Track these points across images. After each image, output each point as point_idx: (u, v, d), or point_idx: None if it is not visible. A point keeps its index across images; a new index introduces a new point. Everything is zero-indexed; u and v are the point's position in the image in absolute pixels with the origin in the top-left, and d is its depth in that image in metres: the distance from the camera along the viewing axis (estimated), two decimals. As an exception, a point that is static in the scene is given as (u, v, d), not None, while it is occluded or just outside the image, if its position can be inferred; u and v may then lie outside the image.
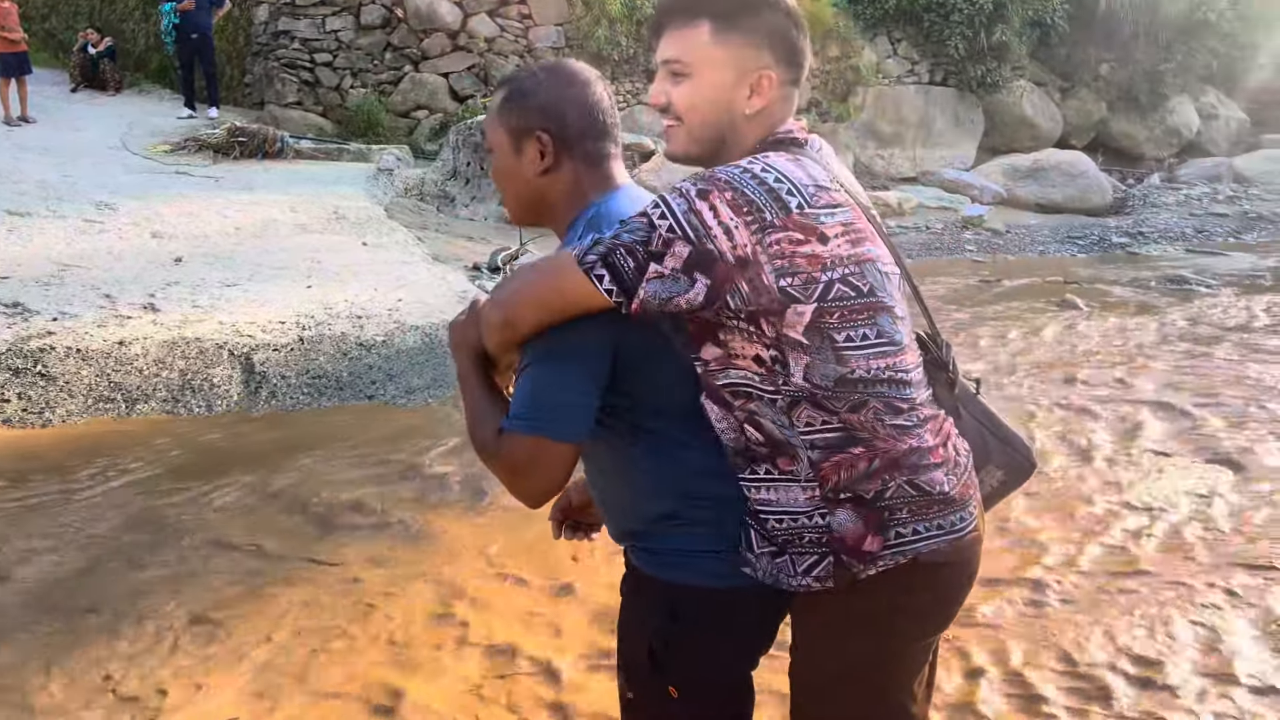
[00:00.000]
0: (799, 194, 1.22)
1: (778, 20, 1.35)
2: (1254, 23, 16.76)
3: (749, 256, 1.19)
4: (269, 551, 3.32)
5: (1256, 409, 4.77)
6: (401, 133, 11.72)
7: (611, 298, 1.22)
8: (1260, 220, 12.39)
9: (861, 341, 1.25)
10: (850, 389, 1.26)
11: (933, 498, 1.30)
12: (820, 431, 1.27)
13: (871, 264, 1.27)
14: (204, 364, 4.97)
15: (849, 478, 1.28)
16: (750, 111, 1.34)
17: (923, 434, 1.31)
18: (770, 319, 1.23)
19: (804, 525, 1.30)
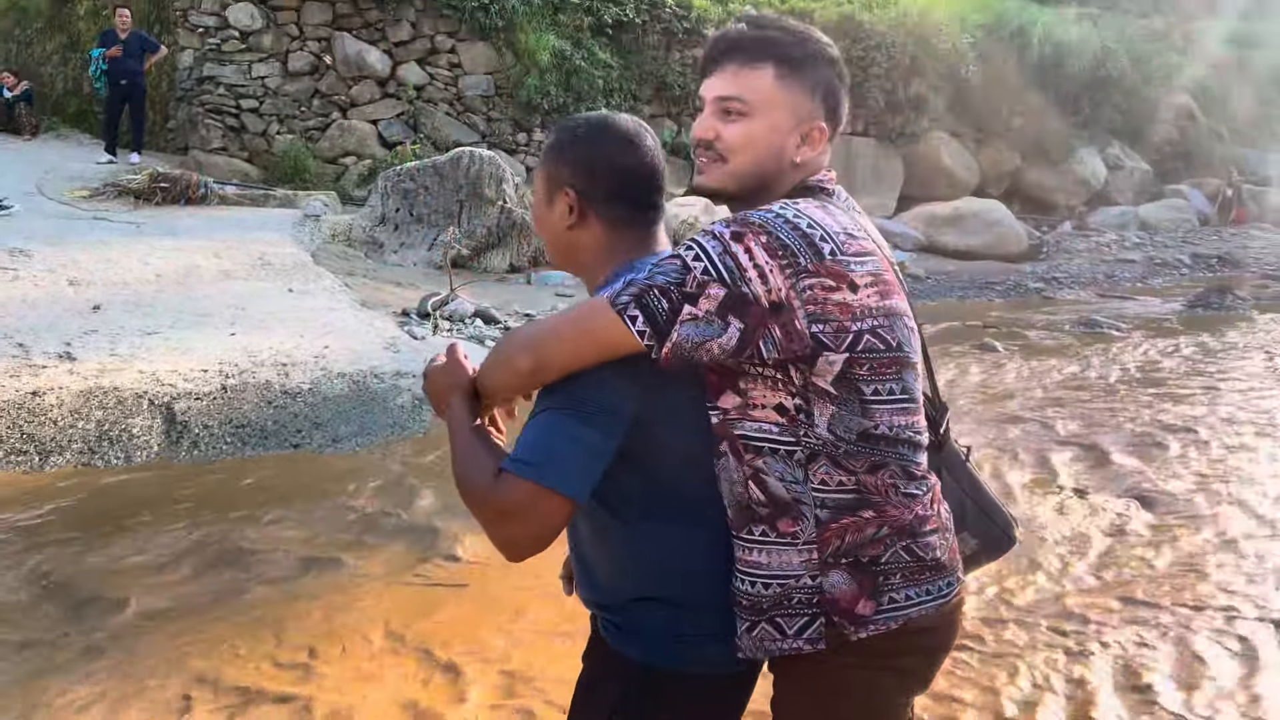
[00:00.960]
0: (831, 240, 1.21)
1: (833, 75, 1.38)
2: (1153, 80, 17.64)
3: (783, 301, 1.18)
4: (192, 605, 3.22)
5: (1168, 446, 4.96)
6: (329, 179, 11.64)
7: (644, 340, 1.19)
8: (1165, 266, 12.95)
9: (888, 396, 1.25)
10: (872, 445, 1.25)
11: (925, 563, 1.30)
12: (835, 492, 1.26)
13: (900, 318, 1.27)
14: (123, 414, 4.82)
15: (853, 542, 1.27)
16: (799, 160, 1.35)
17: (928, 501, 1.32)
18: (800, 366, 1.22)
19: (792, 588, 1.28)
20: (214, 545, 3.71)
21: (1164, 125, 18.15)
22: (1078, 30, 16.36)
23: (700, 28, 13.40)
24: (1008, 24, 15.64)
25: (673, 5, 13.16)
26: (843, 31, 14.13)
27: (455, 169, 9.58)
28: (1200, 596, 3.30)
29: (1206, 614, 3.18)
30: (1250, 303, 9.82)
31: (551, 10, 12.30)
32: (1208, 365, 6.93)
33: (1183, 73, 18.59)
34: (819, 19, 14.06)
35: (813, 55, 1.36)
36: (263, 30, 11.49)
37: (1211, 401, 5.89)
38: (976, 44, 15.34)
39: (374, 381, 5.48)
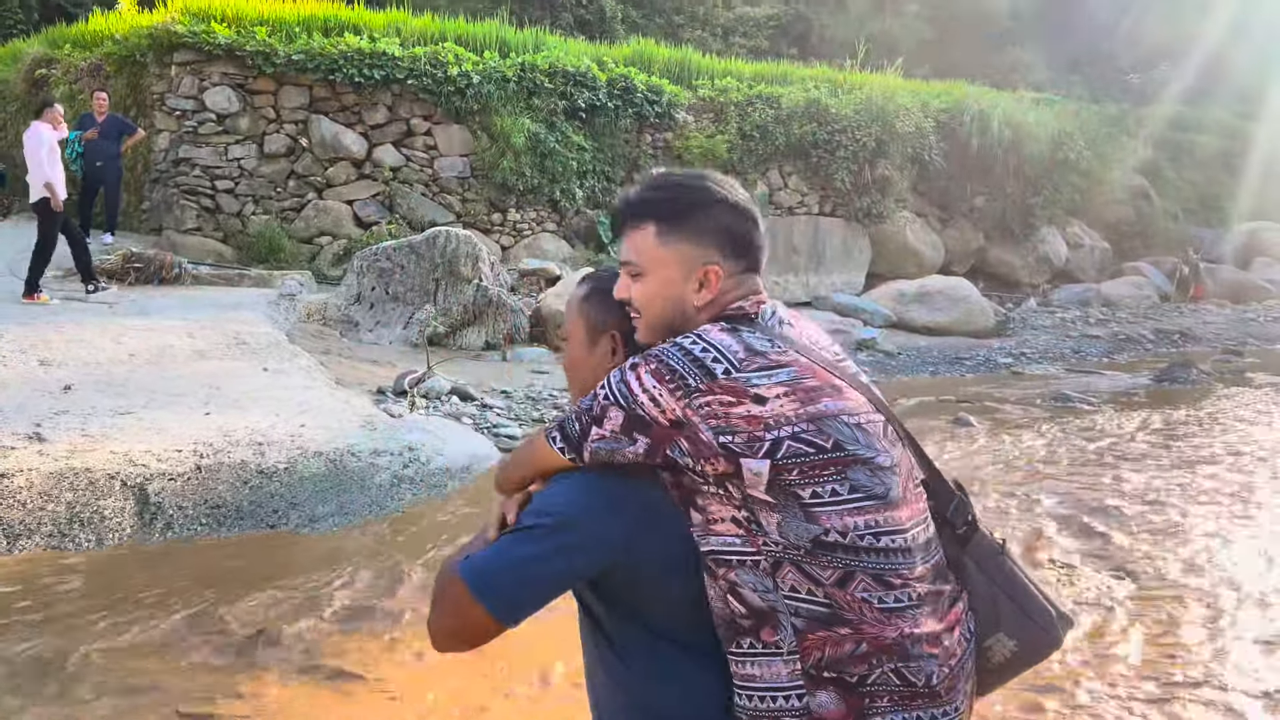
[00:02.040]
0: (726, 360, 1.29)
1: (723, 216, 1.42)
2: (1109, 161, 18.24)
3: (682, 418, 1.27)
4: (168, 689, 3.12)
5: (1146, 519, 5.00)
6: (304, 258, 11.66)
7: (564, 455, 1.35)
8: (1129, 341, 13.20)
9: (831, 498, 1.27)
10: (830, 553, 1.26)
11: (918, 690, 1.28)
12: (806, 601, 1.28)
13: (832, 419, 1.29)
14: (94, 495, 4.73)
15: (834, 656, 1.27)
16: (700, 303, 1.41)
17: (918, 617, 1.29)
18: (734, 481, 1.27)
19: (783, 707, 1.29)
20: (187, 630, 3.62)
21: (1121, 205, 18.71)
22: (1035, 115, 16.93)
23: (671, 111, 13.72)
24: (968, 109, 16.16)
25: (644, 90, 13.49)
26: (809, 116, 14.54)
27: (431, 248, 9.64)
28: (1188, 668, 3.30)
29: (1195, 686, 3.17)
30: (1214, 376, 10.02)
31: (526, 94, 12.56)
32: (1178, 438, 7.03)
33: (1136, 155, 19.26)
34: (786, 104, 14.48)
35: (696, 204, 1.42)
36: (239, 113, 11.62)
37: (1185, 474, 5.96)
38: (939, 127, 15.81)
39: (351, 460, 5.42)
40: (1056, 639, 1.46)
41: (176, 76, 11.45)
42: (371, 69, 11.73)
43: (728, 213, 1.43)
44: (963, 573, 1.41)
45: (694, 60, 15.38)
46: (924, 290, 14.15)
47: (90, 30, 13.51)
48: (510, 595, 1.30)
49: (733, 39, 21.57)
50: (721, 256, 1.41)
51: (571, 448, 1.35)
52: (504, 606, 1.30)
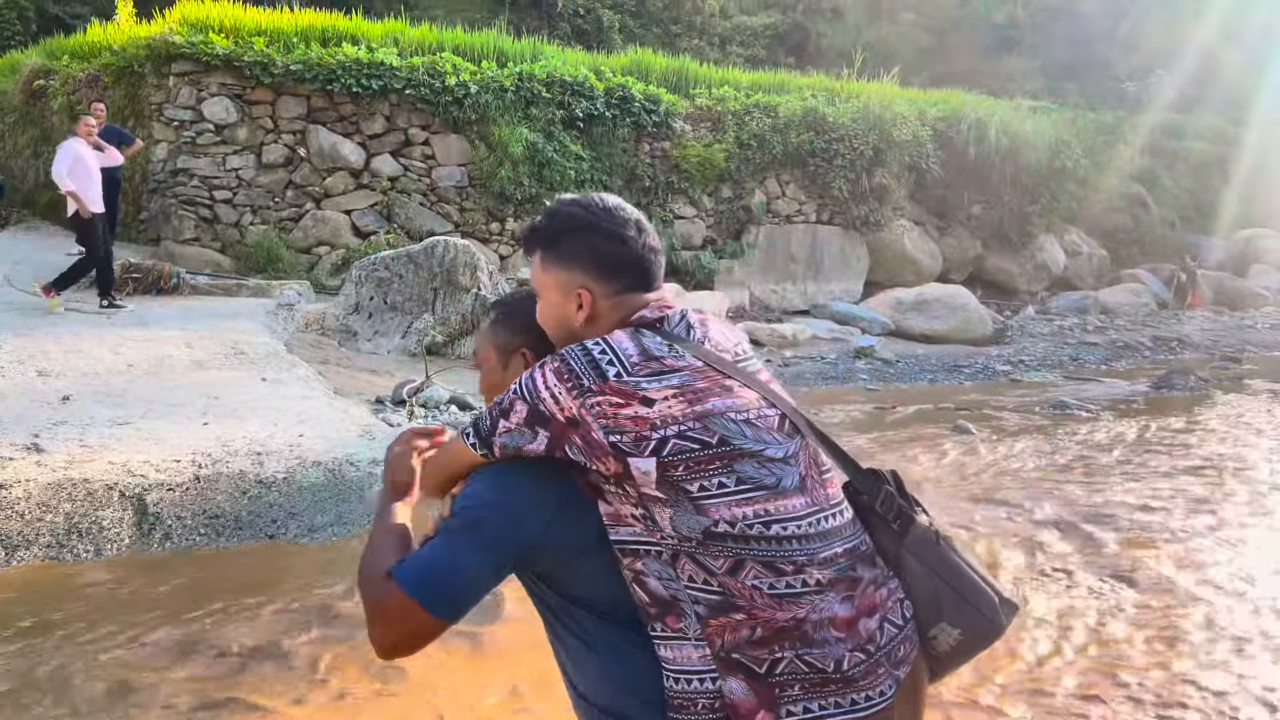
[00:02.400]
0: (619, 364, 1.36)
1: (588, 241, 1.50)
2: (1105, 169, 18.28)
3: (576, 416, 1.34)
4: (161, 702, 3.11)
5: (1146, 526, 5.00)
6: (302, 268, 11.66)
7: (477, 450, 1.43)
8: (1127, 349, 13.21)
9: (718, 490, 1.32)
10: (720, 543, 1.31)
11: (829, 676, 1.30)
12: (703, 590, 1.33)
13: (718, 417, 1.35)
14: (92, 506, 4.72)
15: (733, 641, 1.31)
16: (580, 323, 1.50)
17: (816, 602, 1.31)
18: (628, 481, 1.33)
19: (698, 690, 1.33)
20: (183, 642, 3.60)
21: (1118, 213, 18.75)
22: (1032, 123, 16.97)
23: (669, 120, 13.75)
24: (965, 117, 16.20)
25: (641, 99, 13.52)
26: (807, 124, 14.57)
27: (429, 257, 9.65)
28: (1191, 676, 3.30)
29: (1199, 693, 3.17)
30: (1212, 383, 10.02)
31: (523, 104, 12.58)
32: (1177, 445, 7.02)
33: (1133, 163, 19.31)
34: (783, 113, 14.52)
35: (564, 230, 1.52)
36: (237, 124, 11.63)
37: (1184, 481, 5.96)
38: (936, 136, 15.85)
39: (350, 470, 5.41)
40: (1000, 625, 1.49)
41: (174, 87, 11.46)
42: (369, 79, 11.75)
43: (593, 237, 1.50)
44: (900, 564, 1.44)
45: (691, 69, 15.42)
46: (922, 298, 14.17)
47: (88, 41, 13.53)
48: (450, 596, 1.35)
49: (730, 48, 21.64)
50: (592, 279, 1.49)
51: (483, 443, 1.43)
52: (447, 607, 1.35)
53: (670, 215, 14.03)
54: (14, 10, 18.92)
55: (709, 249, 14.29)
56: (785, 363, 11.24)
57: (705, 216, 14.40)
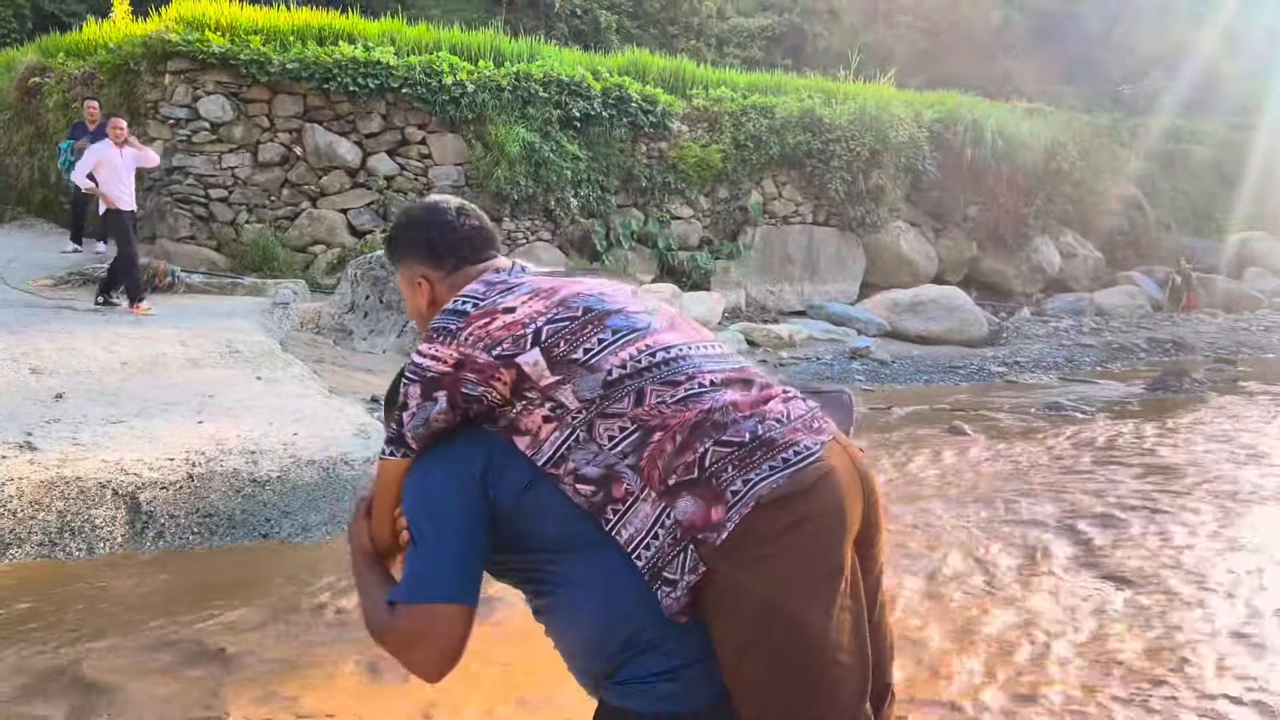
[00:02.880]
0: (471, 299, 1.52)
1: (419, 234, 1.71)
2: (1101, 171, 18.32)
3: (460, 357, 1.46)
4: (160, 703, 3.10)
5: (1141, 527, 5.00)
6: (298, 267, 11.64)
7: (400, 455, 1.52)
8: (1123, 351, 13.23)
9: (599, 345, 1.46)
10: (618, 387, 1.43)
11: (749, 446, 1.39)
12: (622, 438, 1.42)
13: (574, 297, 1.51)
14: (85, 504, 4.70)
15: (665, 463, 1.38)
16: (426, 308, 1.69)
17: (717, 395, 1.43)
18: (525, 385, 1.45)
19: (664, 539, 1.38)
20: (177, 642, 3.59)
21: (1113, 215, 18.79)
22: (1028, 125, 17.00)
23: (666, 121, 13.75)
24: (961, 119, 16.22)
25: (639, 99, 13.51)
26: (804, 125, 14.58)
27: (425, 257, 9.63)
28: (1186, 675, 3.30)
29: (1190, 693, 3.17)
30: (1207, 385, 10.03)
31: (520, 104, 12.58)
32: (1172, 447, 7.03)
33: (1129, 165, 19.35)
34: (780, 114, 14.53)
35: (398, 233, 1.75)
36: (233, 122, 11.61)
37: (1179, 482, 5.96)
38: (933, 137, 15.87)
39: (344, 469, 5.40)
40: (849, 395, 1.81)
41: (170, 85, 11.44)
42: (366, 78, 11.74)
43: (420, 231, 1.70)
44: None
45: (688, 70, 15.42)
46: (918, 299, 14.18)
47: (84, 39, 13.51)
48: (450, 577, 1.38)
49: (727, 49, 21.65)
50: (426, 267, 1.69)
51: (397, 443, 1.52)
52: (455, 589, 1.38)
53: (667, 215, 14.03)
54: (10, 8, 18.89)
55: (705, 249, 14.29)
56: (781, 363, 11.24)
57: (702, 217, 14.40)
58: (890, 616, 1.65)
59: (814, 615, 1.37)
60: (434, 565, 1.38)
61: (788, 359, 11.51)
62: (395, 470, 1.53)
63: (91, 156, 8.94)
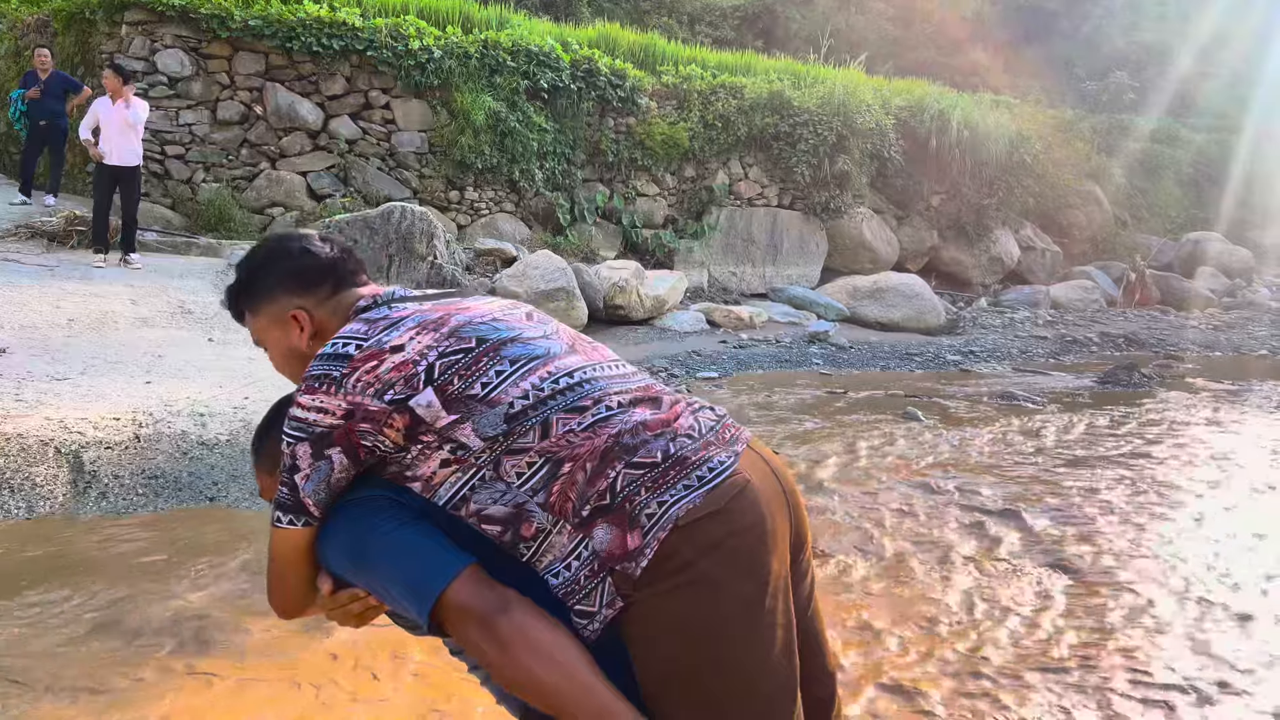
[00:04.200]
0: (353, 341, 1.41)
1: (285, 264, 1.60)
2: (1062, 166, 18.54)
3: (349, 406, 1.36)
4: (90, 673, 3.04)
5: (1085, 516, 5.09)
6: (255, 229, 11.43)
7: (298, 525, 1.41)
8: (1076, 344, 13.44)
9: (497, 378, 1.38)
10: (523, 420, 1.35)
11: (662, 467, 1.33)
12: (530, 474, 1.34)
13: (467, 325, 1.43)
14: (25, 461, 4.59)
15: (577, 494, 1.32)
16: (305, 343, 1.57)
17: (625, 416, 1.37)
18: (421, 429, 1.35)
19: (578, 569, 1.32)
20: (110, 606, 3.52)
21: (1073, 210, 19.04)
22: (994, 117, 17.13)
23: (635, 96, 13.66)
24: (928, 108, 16.29)
25: (608, 73, 13.41)
26: (772, 107, 14.57)
27: (386, 223, 9.51)
28: (1119, 661, 3.36)
29: (1126, 678, 3.23)
30: (1156, 380, 10.22)
31: (488, 72, 12.42)
32: (1120, 439, 7.16)
33: (1090, 161, 19.60)
34: (749, 95, 14.49)
35: (254, 270, 1.63)
36: (192, 77, 11.34)
37: (1125, 473, 6.08)
38: (899, 125, 15.93)
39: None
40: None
41: (127, 36, 11.14)
42: (330, 38, 11.52)
43: (283, 261, 1.59)
44: None
45: (659, 46, 15.33)
46: (878, 286, 14.28)
47: (38, -16, 13.08)
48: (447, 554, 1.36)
49: (698, 27, 21.53)
50: (298, 297, 1.57)
51: (295, 511, 1.40)
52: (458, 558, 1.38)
53: (632, 192, 13.97)
54: (-39, -51, 18.22)
55: (670, 228, 14.27)
56: (741, 344, 11.27)
57: (667, 195, 14.36)
58: (824, 619, 1.60)
59: (739, 638, 1.32)
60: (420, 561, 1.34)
61: (747, 340, 11.54)
62: (295, 544, 1.42)
63: (93, 112, 9.08)
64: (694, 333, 11.65)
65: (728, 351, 10.76)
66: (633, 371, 1.52)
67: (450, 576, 1.32)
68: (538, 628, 1.29)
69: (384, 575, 1.37)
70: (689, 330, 11.72)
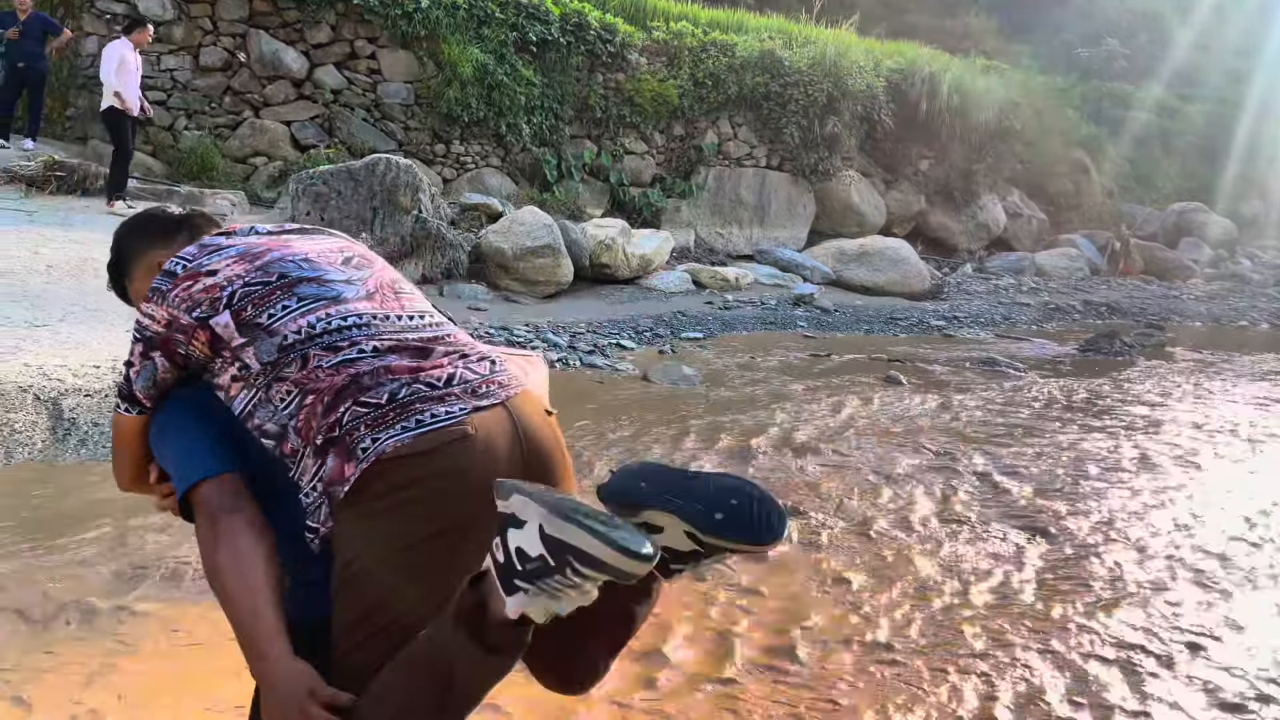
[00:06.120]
0: (180, 261, 1.58)
1: (142, 231, 1.77)
2: (1052, 134, 18.51)
3: (168, 317, 1.53)
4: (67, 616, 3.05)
5: (1063, 482, 5.15)
6: (237, 178, 11.30)
7: (132, 413, 1.60)
8: (1059, 311, 13.51)
9: (282, 311, 1.52)
10: (292, 351, 1.49)
11: (384, 408, 1.42)
12: (288, 401, 1.47)
13: (277, 262, 1.57)
14: (3, 408, 4.55)
15: (315, 424, 1.44)
16: None
17: (375, 361, 1.48)
18: (220, 345, 1.51)
19: (317, 490, 1.44)
20: (92, 553, 3.53)
21: (1060, 177, 19.04)
22: (985, 82, 17.05)
23: (624, 52, 13.51)
24: (919, 71, 16.20)
25: (597, 28, 13.25)
26: (763, 67, 14.44)
27: (370, 175, 9.41)
28: (1095, 625, 3.42)
29: (1101, 641, 3.29)
30: (1136, 349, 10.31)
31: (476, 23, 12.24)
32: (1099, 406, 7.23)
33: (1079, 129, 19.57)
34: (740, 53, 14.36)
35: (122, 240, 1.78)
36: (174, 21, 11.13)
37: (1102, 440, 6.14)
38: (890, 88, 15.84)
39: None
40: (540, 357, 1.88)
41: (107, -22, 10.89)
42: (316, -15, 11.31)
43: (138, 228, 1.78)
44: None
45: (650, 1, 15.13)
46: (864, 250, 14.27)
47: (16, -79, 12.74)
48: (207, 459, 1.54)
49: (690, -17, 21.24)
50: (161, 248, 1.71)
51: (128, 400, 1.59)
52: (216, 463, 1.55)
53: (620, 150, 13.86)
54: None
55: (657, 187, 14.18)
56: (726, 305, 11.27)
57: (656, 154, 14.26)
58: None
59: (389, 578, 1.39)
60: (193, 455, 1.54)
61: (733, 302, 11.54)
62: (129, 428, 1.62)
63: (114, 55, 9.10)
64: (680, 293, 11.64)
65: (713, 313, 10.77)
66: (430, 324, 1.60)
67: (208, 474, 1.52)
68: (247, 540, 1.47)
69: (168, 458, 1.58)
70: (675, 290, 11.71)
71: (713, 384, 7.37)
